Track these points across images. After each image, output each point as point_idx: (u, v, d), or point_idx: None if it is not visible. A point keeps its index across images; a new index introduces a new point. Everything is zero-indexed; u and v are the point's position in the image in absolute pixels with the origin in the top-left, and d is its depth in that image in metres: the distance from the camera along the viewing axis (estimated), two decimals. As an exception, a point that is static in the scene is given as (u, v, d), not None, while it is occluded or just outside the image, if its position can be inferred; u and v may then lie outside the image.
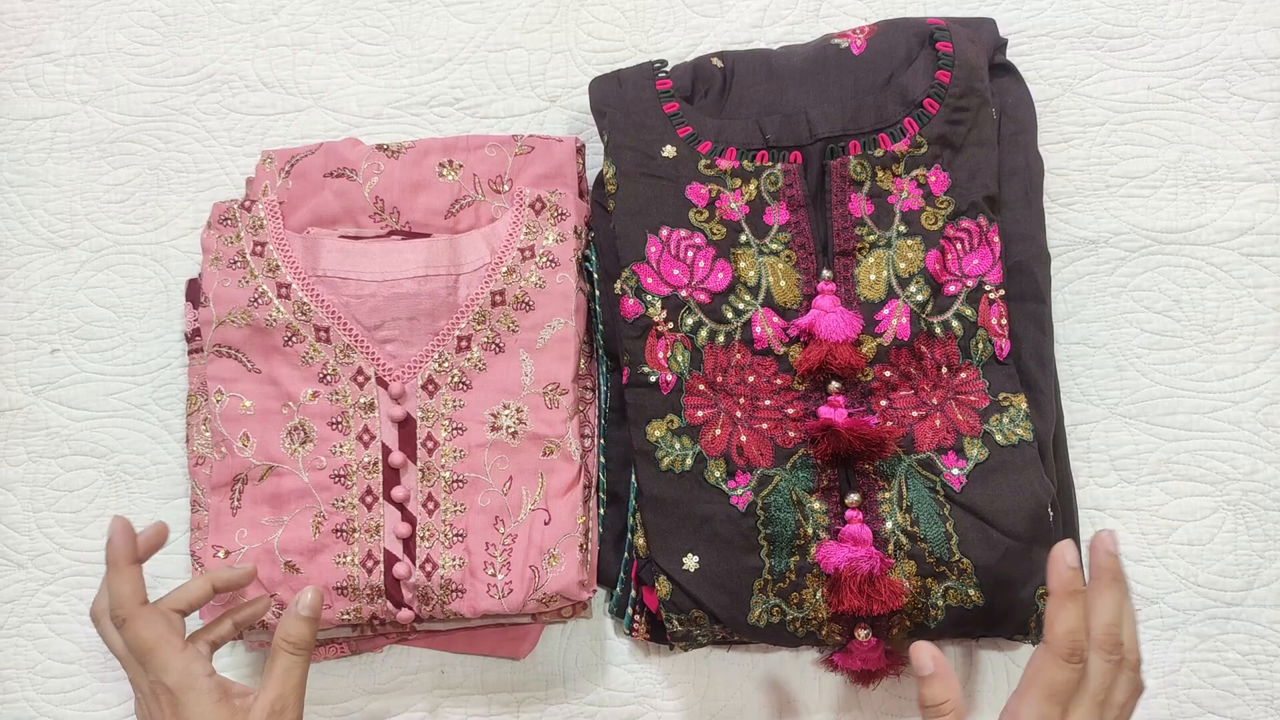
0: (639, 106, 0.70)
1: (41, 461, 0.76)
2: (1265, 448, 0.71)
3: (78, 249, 0.79)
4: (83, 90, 0.82)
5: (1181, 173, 0.76)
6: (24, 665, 0.73)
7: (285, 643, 0.53)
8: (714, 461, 0.65)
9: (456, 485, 0.68)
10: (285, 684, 0.53)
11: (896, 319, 0.66)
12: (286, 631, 0.54)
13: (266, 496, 0.67)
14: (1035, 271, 0.69)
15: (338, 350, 0.69)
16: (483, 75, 0.81)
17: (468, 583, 0.66)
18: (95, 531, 0.74)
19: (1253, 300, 0.74)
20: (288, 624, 0.54)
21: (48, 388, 0.77)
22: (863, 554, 0.62)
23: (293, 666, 0.53)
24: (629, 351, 0.67)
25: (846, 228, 0.68)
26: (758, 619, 0.63)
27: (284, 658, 0.53)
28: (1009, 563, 0.62)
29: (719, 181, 0.68)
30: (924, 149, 0.68)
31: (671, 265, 0.67)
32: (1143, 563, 0.70)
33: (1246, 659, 0.69)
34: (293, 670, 0.53)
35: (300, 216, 0.72)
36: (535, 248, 0.70)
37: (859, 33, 0.73)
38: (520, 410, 0.68)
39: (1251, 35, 0.78)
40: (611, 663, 0.71)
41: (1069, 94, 0.78)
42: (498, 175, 0.73)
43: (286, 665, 0.53)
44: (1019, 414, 0.65)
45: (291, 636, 0.53)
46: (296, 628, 0.54)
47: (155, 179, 0.80)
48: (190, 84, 0.82)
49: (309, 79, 0.81)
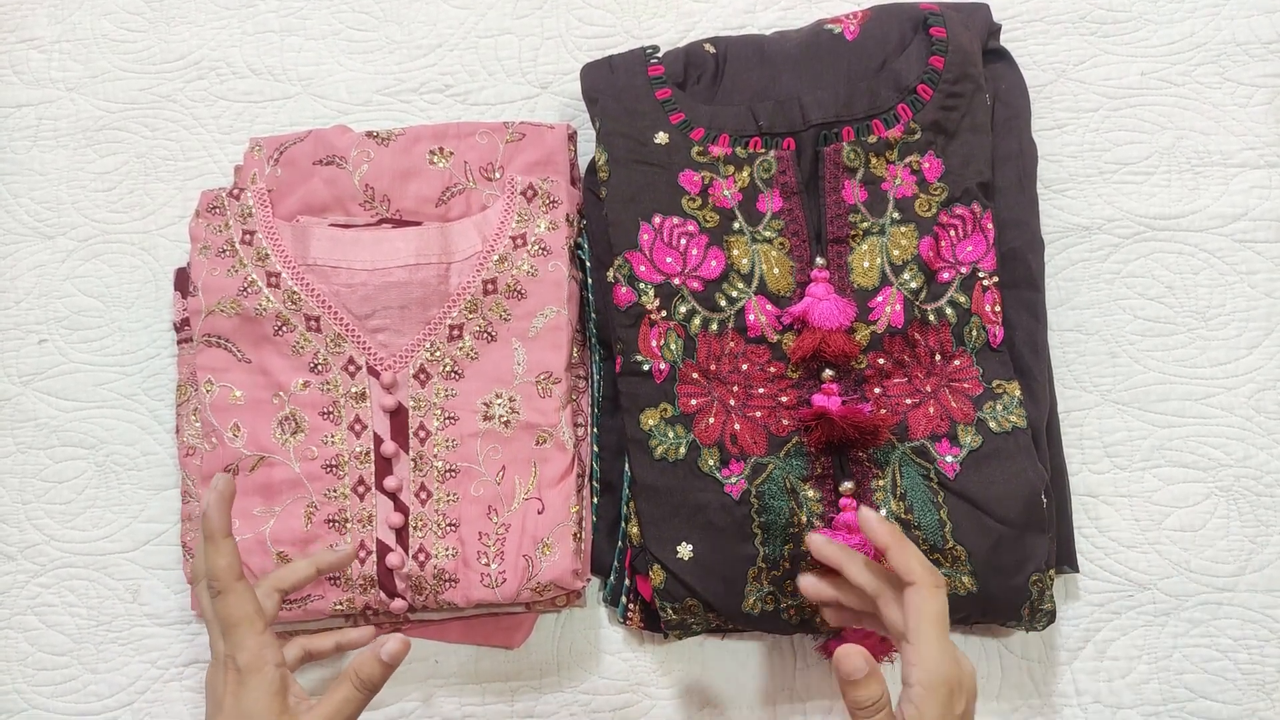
0: (631, 93, 0.70)
1: (30, 453, 0.75)
2: (1257, 433, 0.72)
3: (65, 238, 0.78)
4: (68, 77, 0.81)
5: (1175, 159, 0.76)
6: (14, 658, 0.72)
7: (356, 677, 0.53)
8: (708, 450, 0.65)
9: (449, 475, 0.67)
10: (341, 712, 0.53)
11: (890, 306, 0.66)
12: (360, 667, 0.54)
13: (258, 487, 0.67)
14: (1029, 258, 0.69)
15: (328, 339, 0.68)
16: (473, 61, 0.80)
17: (461, 572, 0.66)
18: (85, 523, 0.74)
19: (1245, 286, 0.74)
20: (365, 663, 0.54)
21: (36, 378, 0.76)
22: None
23: (353, 699, 0.53)
24: (622, 340, 0.67)
25: (840, 215, 0.67)
26: (752, 607, 0.63)
27: (348, 689, 0.53)
28: (1002, 550, 0.62)
29: (712, 168, 0.68)
30: (918, 135, 0.67)
31: (664, 253, 0.67)
32: (1135, 548, 0.71)
33: (1239, 644, 0.69)
34: (350, 702, 0.53)
35: (289, 205, 0.71)
36: (527, 235, 0.70)
37: (852, 18, 0.72)
38: (513, 399, 0.68)
39: (1245, 20, 0.78)
40: (606, 651, 0.71)
41: (1062, 79, 0.77)
42: (489, 163, 0.72)
43: (347, 696, 0.53)
44: (1012, 401, 0.65)
45: (364, 674, 0.54)
46: (370, 668, 0.54)
47: (142, 167, 0.79)
48: (177, 71, 0.81)
49: (297, 65, 0.81)
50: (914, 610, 0.51)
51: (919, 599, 0.51)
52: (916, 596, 0.51)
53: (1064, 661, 0.69)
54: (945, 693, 0.49)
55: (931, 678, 0.49)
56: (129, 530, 0.74)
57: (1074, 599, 0.70)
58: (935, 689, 0.49)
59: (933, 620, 0.51)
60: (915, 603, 0.51)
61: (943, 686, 0.49)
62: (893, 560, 0.53)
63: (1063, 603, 0.69)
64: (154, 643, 0.72)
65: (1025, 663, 0.69)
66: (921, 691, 0.49)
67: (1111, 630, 0.70)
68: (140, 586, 0.73)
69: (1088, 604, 0.70)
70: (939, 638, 0.50)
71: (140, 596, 0.73)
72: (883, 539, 0.53)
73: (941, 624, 0.51)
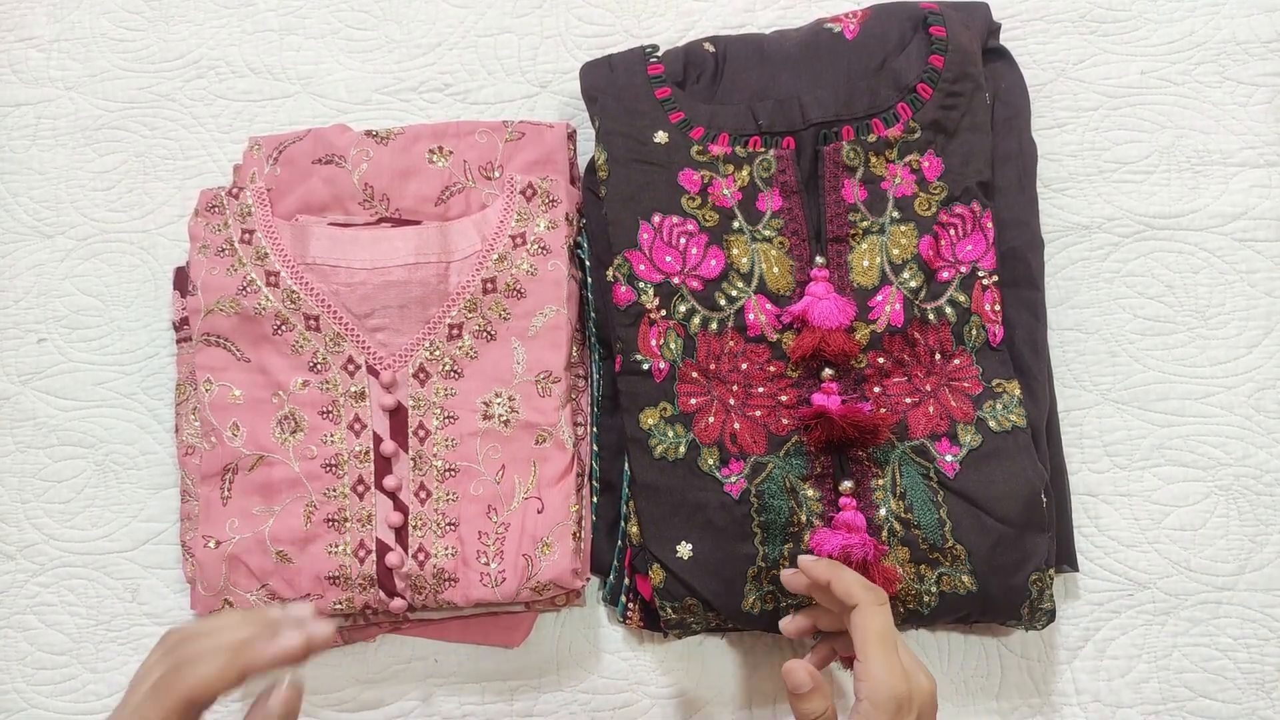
0: (630, 92, 0.70)
1: (29, 452, 0.75)
2: (1257, 433, 0.72)
3: (64, 237, 0.78)
4: (67, 76, 0.81)
5: (1174, 158, 0.76)
6: (14, 657, 0.72)
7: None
8: (707, 449, 0.65)
9: (449, 474, 0.67)
10: None
11: (890, 305, 0.66)
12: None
13: (257, 486, 0.67)
14: (1029, 257, 0.69)
15: (328, 339, 0.68)
16: (472, 60, 0.80)
17: (460, 572, 0.66)
18: (84, 522, 0.74)
19: (1245, 285, 0.74)
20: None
21: (35, 377, 0.76)
22: (856, 541, 0.62)
23: None
24: (621, 339, 0.67)
25: (839, 214, 0.67)
26: (751, 606, 0.63)
27: None
28: (1002, 549, 0.62)
29: (711, 168, 0.68)
30: (917, 134, 0.67)
31: (664, 252, 0.67)
32: (1135, 548, 0.71)
33: (1238, 643, 0.69)
34: None
35: (289, 204, 0.71)
36: (526, 235, 0.70)
37: (852, 17, 0.72)
38: (512, 398, 0.68)
39: (1245, 19, 0.78)
40: (605, 650, 0.71)
41: (1062, 79, 0.77)
42: (488, 161, 0.72)
43: None
44: (1012, 400, 0.65)
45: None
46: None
47: (141, 166, 0.79)
48: (176, 70, 0.81)
49: (297, 64, 0.81)
50: (859, 629, 0.53)
51: (862, 618, 0.53)
52: (860, 617, 0.54)
53: (1064, 660, 0.69)
54: (893, 708, 0.51)
55: (876, 694, 0.51)
56: (128, 529, 0.74)
57: (1074, 598, 0.70)
58: (882, 705, 0.51)
59: (876, 638, 0.53)
60: (859, 622, 0.54)
61: (890, 702, 0.51)
62: (835, 589, 0.55)
63: (1062, 602, 0.69)
64: (153, 642, 0.72)
65: (1025, 662, 0.69)
66: (868, 707, 0.51)
67: (1111, 629, 0.70)
68: (139, 586, 0.73)
69: (1087, 603, 0.70)
70: (884, 654, 0.52)
71: (139, 596, 0.73)
72: (822, 575, 0.55)
73: (885, 641, 0.53)
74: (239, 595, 0.66)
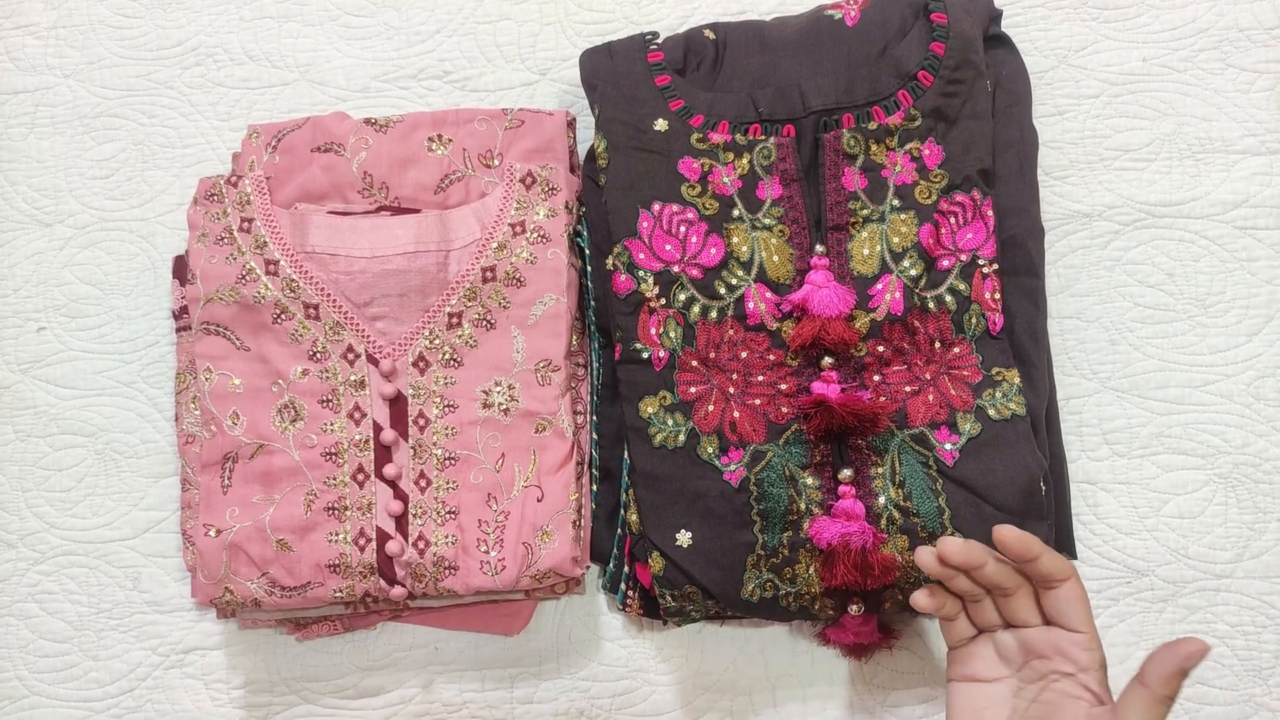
0: (630, 79, 0.70)
1: (30, 441, 0.75)
2: (1256, 421, 0.72)
3: (62, 225, 0.78)
4: (64, 64, 0.81)
5: (1176, 145, 0.75)
6: (15, 645, 0.73)
7: None
8: (707, 438, 0.65)
9: (448, 462, 0.67)
10: None
11: (890, 294, 0.66)
12: None
13: (257, 475, 0.67)
14: (1029, 245, 0.69)
15: (327, 327, 0.68)
16: (471, 48, 0.80)
17: (460, 560, 0.66)
18: (85, 510, 0.74)
19: (1246, 274, 0.73)
20: None
21: (34, 366, 0.76)
22: (855, 529, 0.62)
23: None
24: (621, 327, 0.67)
25: (840, 202, 0.67)
26: (750, 594, 0.63)
27: None
28: (1001, 537, 0.62)
29: (711, 155, 0.68)
30: (918, 122, 0.67)
31: (664, 240, 0.67)
32: (1134, 536, 0.71)
33: (1236, 630, 0.69)
34: None
35: (288, 192, 0.71)
36: (526, 223, 0.69)
37: (853, 4, 0.72)
38: (512, 387, 0.68)
39: (1247, 6, 0.77)
40: (605, 638, 0.71)
41: (1064, 66, 0.77)
42: (488, 150, 0.72)
43: None
44: (1012, 388, 0.65)
45: None
46: None
47: (140, 154, 0.79)
48: (174, 57, 0.81)
49: (295, 52, 0.80)
50: (1077, 601, 0.55)
51: (1077, 590, 0.55)
52: (1078, 588, 0.55)
53: (1062, 648, 0.69)
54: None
55: (1100, 659, 0.54)
56: (129, 518, 0.74)
57: (1072, 586, 0.70)
58: (1104, 668, 0.54)
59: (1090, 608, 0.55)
60: (1076, 594, 0.55)
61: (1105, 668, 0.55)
62: (1044, 564, 0.54)
63: (1061, 590, 0.69)
64: (154, 630, 0.72)
65: (1023, 649, 0.69)
66: (1100, 674, 0.54)
67: (1109, 616, 0.70)
68: (140, 574, 0.73)
69: (1086, 590, 0.70)
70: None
71: (140, 584, 0.73)
72: (1034, 548, 0.54)
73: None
74: (239, 583, 0.66)
